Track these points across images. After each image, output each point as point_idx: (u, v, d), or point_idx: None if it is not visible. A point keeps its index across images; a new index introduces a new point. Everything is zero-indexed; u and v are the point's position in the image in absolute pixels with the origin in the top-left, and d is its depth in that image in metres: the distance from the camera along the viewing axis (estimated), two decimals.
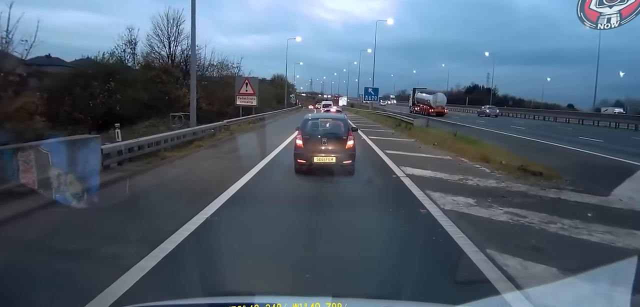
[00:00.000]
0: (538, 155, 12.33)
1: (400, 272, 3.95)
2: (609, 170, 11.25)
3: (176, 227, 5.06)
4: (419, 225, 5.84)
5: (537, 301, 1.71)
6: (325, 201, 7.38)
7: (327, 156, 8.92)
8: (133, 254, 4.15)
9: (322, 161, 8.87)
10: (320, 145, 9.01)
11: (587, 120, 37.25)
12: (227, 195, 7.07)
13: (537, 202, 6.99)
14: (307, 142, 9.11)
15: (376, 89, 52.20)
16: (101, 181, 7.65)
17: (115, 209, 6.28)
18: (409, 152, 13.27)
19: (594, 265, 1.73)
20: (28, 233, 5.13)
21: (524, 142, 17.98)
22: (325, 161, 8.87)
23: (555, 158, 12.10)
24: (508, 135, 21.14)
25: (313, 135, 9.26)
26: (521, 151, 13.07)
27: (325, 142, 9.04)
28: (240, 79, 28.05)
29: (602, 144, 17.86)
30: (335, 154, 8.94)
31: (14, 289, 3.47)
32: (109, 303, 3.21)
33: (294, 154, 9.35)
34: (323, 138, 9.12)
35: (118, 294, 3.34)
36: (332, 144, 9.03)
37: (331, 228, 5.55)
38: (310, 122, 9.89)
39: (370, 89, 51.55)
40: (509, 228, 5.55)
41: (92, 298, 3.26)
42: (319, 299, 1.61)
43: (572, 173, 9.57)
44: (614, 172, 10.39)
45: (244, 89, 27.02)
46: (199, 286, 3.44)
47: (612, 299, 1.39)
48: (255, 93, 26.92)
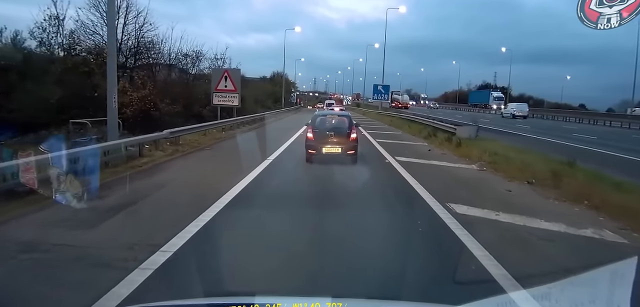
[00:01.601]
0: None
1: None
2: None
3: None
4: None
5: (537, 301, 1.57)
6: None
7: (334, 146, 10.04)
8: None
9: (330, 150, 10.01)
10: (328, 138, 10.15)
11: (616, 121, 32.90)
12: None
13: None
14: (316, 135, 10.23)
15: (387, 87, 45.36)
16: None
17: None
18: (521, 216, 6.11)
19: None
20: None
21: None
22: (332, 151, 10.00)
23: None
24: (620, 157, 13.98)
25: (322, 130, 10.39)
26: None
27: (332, 135, 10.21)
28: (217, 72, 21.61)
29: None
30: (340, 145, 10.06)
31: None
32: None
33: (306, 145, 10.42)
34: (330, 132, 10.30)
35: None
36: (337, 137, 10.17)
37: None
38: (319, 119, 11.08)
39: (380, 86, 44.82)
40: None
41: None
42: (319, 299, 1.67)
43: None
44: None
45: (222, 85, 20.58)
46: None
47: (612, 299, 1.35)
48: (237, 89, 20.42)
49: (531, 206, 6.45)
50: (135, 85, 18.38)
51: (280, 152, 12.00)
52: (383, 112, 40.62)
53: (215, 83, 20.63)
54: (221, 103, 20.61)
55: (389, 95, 47.05)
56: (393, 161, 10.83)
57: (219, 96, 20.51)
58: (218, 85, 20.56)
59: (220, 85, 20.57)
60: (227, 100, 20.60)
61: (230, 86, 20.53)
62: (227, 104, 20.69)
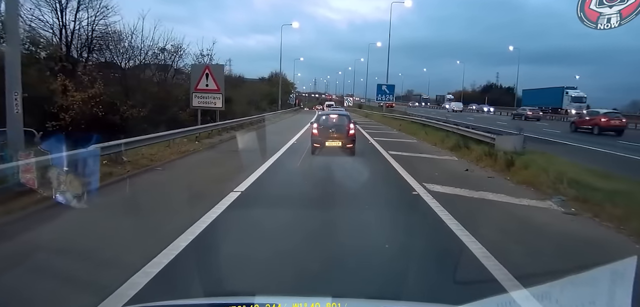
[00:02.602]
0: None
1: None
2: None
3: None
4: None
5: (537, 300, 1.53)
6: None
7: (335, 141, 11.67)
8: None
9: (332, 144, 11.63)
10: (330, 133, 11.83)
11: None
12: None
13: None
14: (320, 131, 11.94)
15: (392, 86, 41.90)
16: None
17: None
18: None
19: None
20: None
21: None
22: (333, 144, 11.62)
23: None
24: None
25: (325, 126, 12.09)
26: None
27: (334, 131, 11.88)
28: (197, 68, 18.24)
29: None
30: (341, 140, 11.69)
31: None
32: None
33: (311, 139, 12.14)
34: (332, 128, 11.97)
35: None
36: (338, 133, 11.83)
37: None
38: (323, 117, 12.84)
39: (384, 86, 41.42)
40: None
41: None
42: (319, 299, 1.65)
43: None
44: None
45: (203, 83, 17.22)
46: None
47: (612, 299, 1.33)
48: (220, 89, 17.07)
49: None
50: (82, 84, 14.75)
51: (262, 173, 8.64)
52: (388, 115, 37.25)
53: (195, 82, 17.29)
54: (202, 105, 17.27)
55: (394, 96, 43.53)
56: (424, 192, 7.31)
57: (199, 97, 17.19)
58: (198, 84, 17.25)
59: (200, 84, 17.25)
60: (209, 102, 17.27)
61: (213, 85, 17.20)
62: (209, 106, 17.34)
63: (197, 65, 20.65)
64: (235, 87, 40.19)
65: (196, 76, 17.43)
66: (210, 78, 17.14)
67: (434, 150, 14.14)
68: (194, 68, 18.66)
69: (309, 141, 12.49)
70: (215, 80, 17.17)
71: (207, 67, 17.40)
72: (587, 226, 5.65)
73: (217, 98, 17.26)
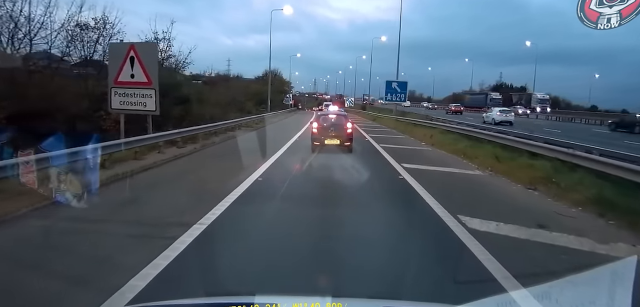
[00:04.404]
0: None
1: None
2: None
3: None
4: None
5: (537, 300, 1.52)
6: None
7: (333, 139, 12.57)
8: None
9: (331, 141, 12.52)
10: (329, 132, 12.75)
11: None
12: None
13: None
14: (320, 130, 12.84)
15: (404, 84, 35.09)
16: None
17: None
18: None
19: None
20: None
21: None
22: (332, 142, 12.51)
23: None
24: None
25: (324, 126, 12.97)
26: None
27: (332, 129, 12.81)
28: (117, 49, 11.60)
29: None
30: (339, 138, 12.60)
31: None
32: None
33: (311, 137, 13.08)
34: (331, 127, 12.93)
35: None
36: (336, 131, 12.76)
37: None
38: (322, 117, 13.79)
39: (395, 83, 34.52)
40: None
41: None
42: (319, 299, 1.62)
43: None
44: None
45: (126, 73, 10.51)
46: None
47: (612, 299, 1.33)
48: (153, 82, 10.35)
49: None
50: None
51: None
52: (401, 119, 30.40)
53: (115, 70, 10.73)
54: (125, 108, 10.70)
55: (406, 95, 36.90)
56: None
57: (121, 95, 10.60)
58: (119, 74, 10.64)
59: (123, 74, 10.64)
60: (137, 103, 10.67)
61: (141, 76, 10.60)
62: (136, 109, 10.77)
63: (117, 45, 13.56)
64: (221, 85, 33.84)
65: (116, 61, 10.93)
66: (137, 63, 10.64)
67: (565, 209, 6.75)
68: (113, 49, 12.00)
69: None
70: (144, 68, 10.71)
71: (132, 47, 10.85)
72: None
73: (148, 96, 10.75)
